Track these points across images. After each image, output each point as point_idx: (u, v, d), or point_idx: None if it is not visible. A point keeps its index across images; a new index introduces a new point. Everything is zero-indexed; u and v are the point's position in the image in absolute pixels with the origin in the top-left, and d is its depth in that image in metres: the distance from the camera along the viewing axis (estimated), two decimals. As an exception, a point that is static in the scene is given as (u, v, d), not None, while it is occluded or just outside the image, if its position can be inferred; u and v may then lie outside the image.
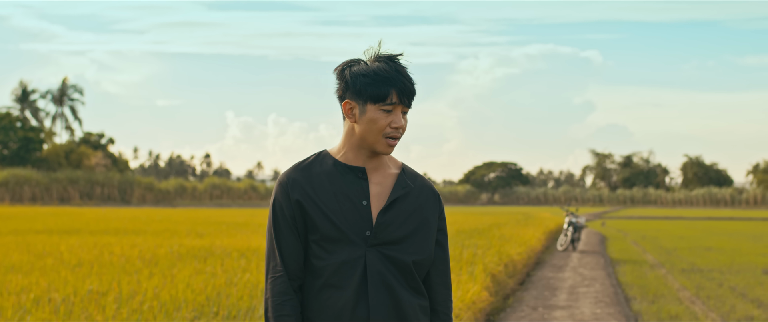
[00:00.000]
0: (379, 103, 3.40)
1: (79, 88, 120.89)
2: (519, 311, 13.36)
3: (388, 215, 3.48)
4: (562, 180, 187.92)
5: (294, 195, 3.46)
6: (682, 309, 13.66)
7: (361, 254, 3.43)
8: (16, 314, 8.13)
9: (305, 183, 3.49)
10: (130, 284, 10.89)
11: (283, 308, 3.45)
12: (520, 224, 35.82)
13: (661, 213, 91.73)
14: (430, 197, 3.63)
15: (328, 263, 3.44)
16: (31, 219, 38.10)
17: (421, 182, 3.65)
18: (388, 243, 3.47)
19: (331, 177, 3.50)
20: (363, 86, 3.40)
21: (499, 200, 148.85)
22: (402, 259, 3.46)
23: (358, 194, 3.48)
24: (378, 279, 3.42)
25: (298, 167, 3.56)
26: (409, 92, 3.42)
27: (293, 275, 3.49)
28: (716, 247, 29.37)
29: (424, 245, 3.54)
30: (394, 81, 3.39)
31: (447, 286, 3.69)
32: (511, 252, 18.80)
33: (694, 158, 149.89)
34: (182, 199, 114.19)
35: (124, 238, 23.25)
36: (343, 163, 3.52)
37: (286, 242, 3.49)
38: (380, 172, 3.57)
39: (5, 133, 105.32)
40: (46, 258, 15.53)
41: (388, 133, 3.43)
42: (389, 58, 3.46)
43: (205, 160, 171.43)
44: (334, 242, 3.43)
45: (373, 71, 3.41)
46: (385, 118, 3.42)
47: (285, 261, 3.48)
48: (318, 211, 3.43)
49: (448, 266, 3.70)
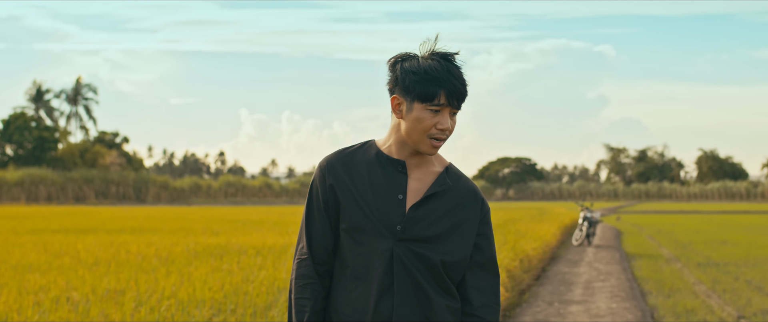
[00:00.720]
0: (426, 103, 3.29)
1: (93, 87, 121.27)
2: (534, 306, 13.37)
3: (421, 210, 3.39)
4: (577, 175, 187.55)
5: (329, 180, 3.42)
6: (698, 303, 13.65)
7: (389, 248, 3.34)
8: (36, 314, 8.18)
9: (343, 170, 3.44)
10: (148, 282, 10.94)
11: (304, 291, 3.44)
12: (534, 220, 35.78)
13: (677, 207, 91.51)
14: (471, 198, 3.52)
15: (356, 254, 3.38)
16: (48, 218, 38.23)
17: (464, 183, 3.54)
18: (418, 240, 3.37)
19: (370, 167, 3.44)
20: (412, 84, 3.30)
21: (514, 196, 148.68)
22: (430, 257, 3.37)
23: (395, 187, 3.41)
24: (404, 275, 3.34)
25: (341, 153, 3.50)
26: (458, 94, 3.30)
27: (318, 259, 3.46)
28: (732, 240, 29.30)
29: (456, 247, 3.42)
30: (444, 82, 3.28)
31: (483, 291, 3.51)
32: (527, 248, 18.79)
33: (709, 152, 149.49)
34: (197, 197, 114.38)
35: (140, 236, 23.32)
36: (386, 154, 3.45)
37: (316, 225, 3.46)
38: (422, 168, 3.48)
39: (20, 133, 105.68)
40: (63, 257, 15.59)
41: (433, 134, 3.33)
42: (443, 57, 3.34)
43: (220, 158, 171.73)
44: (363, 233, 3.37)
45: (423, 69, 3.30)
46: (431, 119, 3.31)
47: (312, 244, 3.46)
48: (351, 199, 3.38)
49: (488, 271, 3.53)
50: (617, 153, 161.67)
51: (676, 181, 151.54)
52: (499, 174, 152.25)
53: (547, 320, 11.99)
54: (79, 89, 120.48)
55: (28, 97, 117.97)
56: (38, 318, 7.97)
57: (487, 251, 3.52)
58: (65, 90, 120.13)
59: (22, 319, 8.02)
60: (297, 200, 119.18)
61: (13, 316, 8.17)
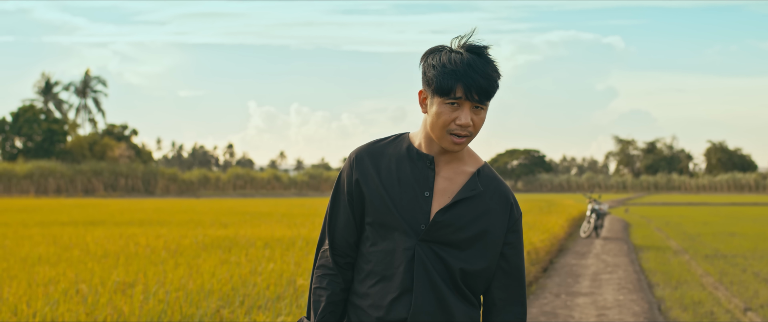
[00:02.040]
0: (444, 97, 3.19)
1: (102, 79, 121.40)
2: (542, 298, 13.40)
3: (448, 216, 3.28)
4: (585, 167, 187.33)
5: (356, 173, 3.35)
6: (705, 295, 13.67)
7: (411, 246, 3.26)
8: (46, 306, 8.24)
9: (371, 163, 3.36)
10: (156, 274, 10.99)
11: (322, 281, 3.41)
12: (543, 212, 35.78)
13: (685, 199, 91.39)
14: (502, 204, 3.39)
15: (378, 250, 3.32)
16: (57, 211, 38.34)
17: (496, 187, 3.40)
18: (442, 243, 3.28)
19: (400, 161, 3.35)
20: (432, 77, 3.21)
21: (523, 188, 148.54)
22: (452, 263, 3.28)
23: (422, 184, 3.31)
24: (425, 276, 3.25)
25: (373, 145, 3.42)
26: (479, 88, 3.16)
27: (340, 251, 3.41)
28: (740, 232, 29.27)
29: (479, 256, 3.32)
30: (461, 75, 3.16)
31: (510, 302, 3.40)
32: (534, 239, 18.80)
33: (718, 144, 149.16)
34: (206, 189, 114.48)
35: (148, 229, 23.39)
36: (417, 149, 3.35)
37: (339, 217, 3.41)
38: (453, 167, 3.36)
39: (29, 126, 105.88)
40: (72, 250, 15.65)
41: (452, 129, 3.21)
42: (468, 49, 3.23)
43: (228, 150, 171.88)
44: (386, 228, 3.30)
45: (443, 62, 3.19)
46: (449, 114, 3.20)
47: (334, 236, 3.42)
48: (376, 193, 3.30)
49: (514, 281, 3.41)
50: (626, 145, 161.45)
51: (685, 173, 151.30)
52: (508, 166, 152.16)
53: (554, 311, 12.02)
54: (87, 82, 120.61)
55: (37, 89, 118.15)
56: (48, 310, 8.03)
57: (513, 260, 3.40)
58: (74, 83, 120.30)
59: (31, 311, 8.07)
60: (305, 192, 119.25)
61: (22, 308, 8.22)
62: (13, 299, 8.73)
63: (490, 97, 3.24)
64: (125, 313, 7.94)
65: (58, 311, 7.96)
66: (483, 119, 3.27)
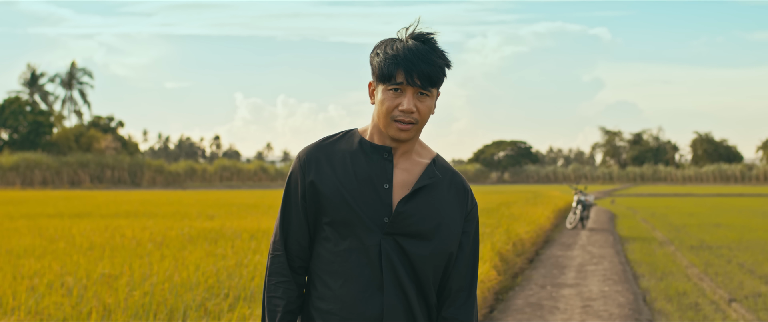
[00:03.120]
0: (386, 84, 3.17)
1: (88, 71, 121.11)
2: (527, 289, 13.42)
3: (410, 206, 3.23)
4: (572, 158, 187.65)
5: (309, 175, 3.26)
6: (690, 286, 13.72)
7: (376, 243, 3.20)
8: (30, 298, 8.23)
9: (325, 161, 3.28)
10: (142, 266, 10.98)
11: (276, 290, 3.32)
12: (529, 203, 35.86)
13: (671, 190, 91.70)
14: (459, 193, 3.38)
15: (341, 249, 3.23)
16: (43, 203, 38.23)
17: (452, 176, 3.39)
18: (406, 235, 3.22)
19: (354, 156, 3.28)
20: (376, 65, 3.20)
21: (509, 179, 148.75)
22: (416, 257, 3.23)
23: (381, 176, 3.24)
24: (392, 273, 3.19)
25: (322, 143, 3.34)
26: (420, 73, 3.12)
27: (293, 255, 3.33)
28: (725, 223, 29.38)
29: (442, 245, 3.28)
30: (402, 60, 3.13)
31: (467, 291, 3.38)
32: (520, 231, 18.85)
33: (704, 135, 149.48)
34: (192, 181, 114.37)
35: (135, 221, 23.35)
36: (369, 142, 3.29)
37: (292, 221, 3.32)
38: (409, 158, 3.32)
39: (15, 118, 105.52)
40: (58, 242, 15.63)
41: (395, 116, 3.17)
42: (413, 37, 3.20)
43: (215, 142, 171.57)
44: (348, 226, 3.21)
45: (386, 51, 3.18)
46: (392, 100, 3.17)
47: (287, 241, 3.33)
48: (334, 191, 3.22)
49: (468, 271, 3.39)
50: (612, 136, 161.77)
51: (671, 164, 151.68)
52: (494, 157, 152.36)
53: (539, 303, 12.05)
54: (73, 73, 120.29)
55: (23, 81, 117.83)
56: (33, 303, 8.02)
57: (468, 249, 3.38)
58: (60, 74, 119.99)
59: (16, 304, 8.06)
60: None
61: (7, 300, 8.21)
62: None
63: (435, 83, 3.18)
64: (110, 305, 7.94)
65: (43, 304, 7.95)
66: (429, 107, 3.22)
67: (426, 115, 3.21)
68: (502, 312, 11.28)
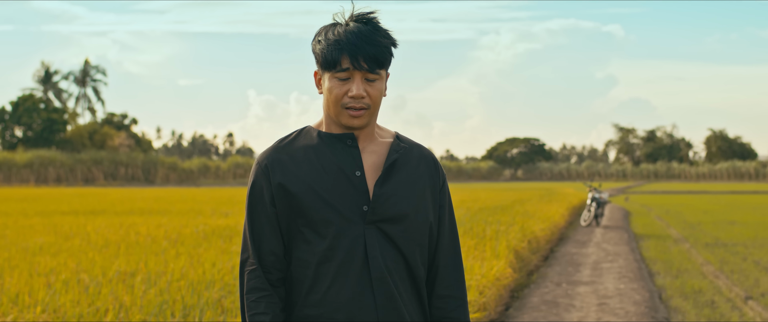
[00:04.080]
0: (332, 71, 3.03)
1: (102, 68, 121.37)
2: (542, 287, 13.39)
3: (387, 186, 3.10)
4: (585, 155, 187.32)
5: (276, 178, 3.08)
6: (706, 284, 13.67)
7: (360, 233, 3.04)
8: (47, 296, 8.24)
9: (288, 161, 3.11)
10: (157, 264, 10.98)
11: (258, 306, 3.09)
12: (543, 200, 35.80)
13: (685, 187, 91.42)
14: (429, 165, 3.24)
15: (322, 248, 3.05)
16: (57, 200, 38.32)
17: (418, 150, 3.25)
18: (389, 220, 3.07)
19: (317, 149, 3.11)
20: (318, 53, 3.08)
21: (522, 176, 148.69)
22: (403, 236, 3.10)
23: (350, 165, 3.09)
24: (380, 265, 3.03)
25: (279, 145, 3.16)
26: (366, 55, 2.99)
27: (270, 268, 3.13)
28: (740, 221, 29.29)
29: (424, 220, 3.16)
30: (345, 44, 2.99)
31: (457, 268, 3.26)
32: (535, 228, 18.82)
33: (718, 132, 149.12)
34: (206, 178, 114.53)
35: (149, 218, 23.38)
36: (327, 133, 3.13)
37: (264, 231, 3.13)
38: (372, 140, 3.18)
39: (29, 115, 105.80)
40: (73, 239, 15.65)
41: (346, 103, 3.03)
42: (355, 19, 3.07)
43: (228, 139, 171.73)
44: (327, 224, 3.04)
45: (327, 37, 3.04)
46: (340, 87, 3.03)
47: (260, 253, 3.13)
48: (306, 190, 3.05)
49: (452, 245, 3.27)
50: (626, 133, 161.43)
51: (685, 161, 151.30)
52: (508, 154, 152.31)
53: (555, 300, 12.02)
54: (87, 71, 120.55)
55: (37, 78, 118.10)
56: (49, 300, 8.03)
57: (447, 223, 3.27)
58: (73, 72, 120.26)
59: (33, 301, 8.07)
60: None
61: (24, 298, 8.22)
62: (15, 289, 8.73)
63: (382, 64, 3.05)
64: (126, 303, 7.94)
65: (60, 301, 7.96)
66: (379, 90, 3.08)
67: (377, 99, 3.08)
68: (517, 310, 11.25)
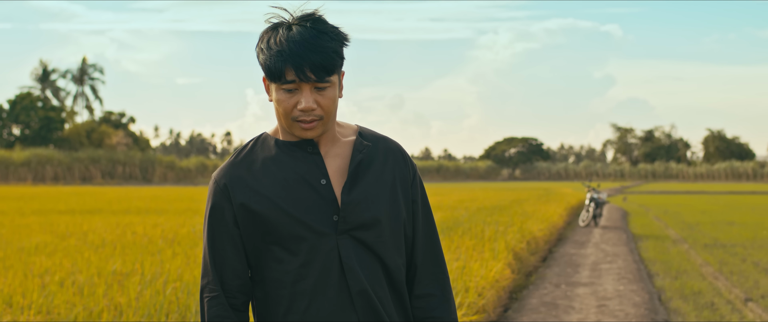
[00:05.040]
0: (278, 83, 2.77)
1: (99, 67, 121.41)
2: (541, 288, 13.31)
3: (355, 192, 2.89)
4: (583, 155, 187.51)
5: (237, 198, 2.87)
6: (706, 285, 13.61)
7: (333, 246, 2.84)
8: (41, 297, 8.16)
9: (248, 177, 2.89)
10: (154, 264, 10.91)
11: None
12: (541, 200, 35.75)
13: (683, 188, 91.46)
14: (397, 159, 3.02)
15: (296, 266, 2.84)
16: (54, 199, 38.26)
17: (384, 143, 3.03)
18: (361, 227, 2.87)
19: (277, 161, 2.90)
20: (262, 63, 2.79)
21: (520, 176, 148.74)
22: (379, 241, 2.90)
23: (314, 173, 2.87)
24: (357, 277, 2.84)
25: (235, 161, 2.95)
26: (312, 66, 2.73)
27: (233, 292, 2.92)
28: (739, 221, 29.23)
29: (398, 219, 2.95)
30: (288, 55, 2.72)
31: (436, 263, 3.06)
32: (533, 229, 18.76)
33: (716, 132, 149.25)
34: (203, 177, 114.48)
35: (146, 217, 23.31)
36: (286, 142, 2.92)
37: (226, 254, 2.91)
38: (334, 143, 2.96)
39: (26, 114, 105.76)
40: (69, 239, 15.58)
41: (296, 116, 2.79)
42: (298, 21, 2.81)
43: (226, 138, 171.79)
44: (297, 240, 2.83)
45: (269, 44, 2.77)
46: (288, 100, 2.78)
47: (223, 277, 2.91)
48: (270, 206, 2.83)
49: (429, 241, 3.06)
50: (624, 133, 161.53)
51: (683, 161, 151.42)
52: (506, 154, 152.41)
53: (554, 302, 11.95)
54: (85, 69, 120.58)
55: (35, 77, 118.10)
56: (43, 301, 7.95)
57: (423, 218, 3.06)
58: (71, 70, 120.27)
59: (27, 302, 7.99)
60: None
61: (18, 299, 8.15)
62: (9, 290, 8.65)
63: (331, 72, 2.77)
64: (122, 305, 7.86)
65: (54, 303, 7.88)
66: (332, 98, 2.82)
67: (329, 108, 2.82)
68: (516, 312, 11.18)
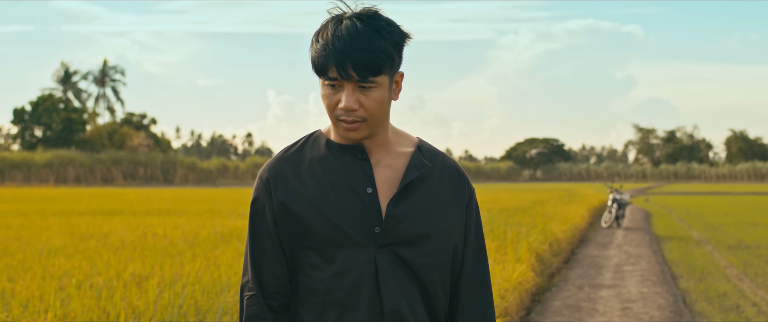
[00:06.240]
0: (323, 78, 2.67)
1: (121, 68, 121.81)
2: (564, 290, 13.19)
3: (402, 206, 2.74)
4: (605, 156, 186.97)
5: (278, 196, 2.77)
6: (730, 287, 13.44)
7: (370, 258, 2.71)
8: (58, 300, 8.08)
9: (292, 176, 2.79)
10: (173, 266, 10.83)
11: None
12: (563, 201, 35.58)
13: (705, 188, 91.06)
14: (454, 179, 2.88)
15: (330, 275, 2.74)
16: (75, 200, 38.33)
17: (442, 161, 2.89)
18: (403, 243, 2.74)
19: (324, 162, 2.79)
20: (312, 56, 2.69)
21: (542, 177, 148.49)
22: (421, 262, 2.76)
23: (361, 180, 2.76)
24: (393, 294, 2.71)
25: (284, 156, 2.84)
26: (354, 64, 2.61)
27: (271, 293, 2.82)
28: (763, 222, 28.98)
29: (447, 244, 2.81)
30: (332, 51, 2.61)
31: (483, 295, 2.91)
32: (556, 230, 18.62)
33: (739, 132, 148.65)
34: (224, 178, 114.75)
35: (166, 219, 23.28)
36: (338, 143, 2.80)
37: (265, 252, 2.82)
38: (388, 151, 2.82)
39: (48, 115, 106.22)
40: (89, 240, 15.54)
41: (338, 114, 2.67)
42: (351, 17, 2.68)
43: (247, 139, 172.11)
44: (334, 247, 2.73)
45: (318, 38, 2.68)
46: (331, 96, 2.68)
47: (262, 276, 2.82)
48: (311, 209, 2.73)
49: (483, 270, 2.92)
50: (646, 134, 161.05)
51: (705, 162, 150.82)
52: (527, 155, 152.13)
53: (577, 304, 11.82)
54: (106, 71, 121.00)
55: (56, 78, 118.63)
56: (59, 305, 7.87)
57: (474, 246, 2.91)
58: (93, 72, 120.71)
59: (44, 306, 7.91)
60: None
61: (35, 302, 8.07)
62: (26, 292, 8.58)
63: (375, 72, 2.63)
64: (139, 308, 7.77)
65: (71, 306, 7.79)
66: (377, 99, 2.68)
67: (374, 110, 2.68)
68: (539, 314, 11.06)
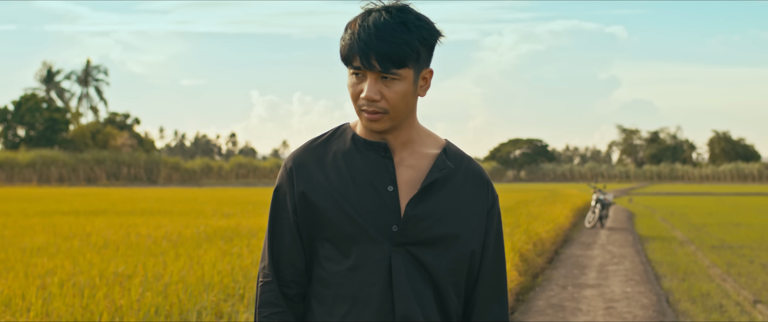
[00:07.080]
0: (349, 67, 2.71)
1: (104, 68, 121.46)
2: (548, 290, 13.20)
3: (422, 207, 2.74)
4: (588, 156, 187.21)
5: (299, 185, 2.78)
6: (714, 287, 13.48)
7: (385, 256, 2.71)
8: (40, 299, 8.05)
9: (315, 167, 2.79)
10: (156, 266, 10.81)
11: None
12: (547, 202, 35.66)
13: (689, 189, 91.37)
14: (477, 183, 2.86)
15: (344, 268, 2.74)
16: (58, 200, 38.21)
17: (467, 164, 2.87)
18: (420, 244, 2.74)
19: (348, 157, 2.79)
20: (340, 46, 2.75)
21: (525, 177, 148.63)
22: (437, 264, 2.75)
23: (383, 178, 2.75)
24: (404, 294, 2.71)
25: (310, 146, 2.85)
26: (376, 55, 2.63)
27: (287, 281, 2.82)
28: (745, 223, 29.10)
29: (466, 249, 2.80)
30: (357, 40, 2.65)
31: (500, 304, 2.91)
32: (540, 230, 18.65)
33: (722, 133, 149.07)
34: (208, 178, 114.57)
35: (150, 218, 23.23)
36: (362, 138, 2.81)
37: (284, 240, 2.83)
38: (413, 151, 2.81)
39: (31, 115, 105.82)
40: (72, 240, 15.49)
41: (360, 104, 2.69)
42: (380, 9, 2.71)
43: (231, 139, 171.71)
44: (350, 241, 2.73)
45: (347, 28, 2.72)
46: (355, 86, 2.69)
47: (278, 264, 2.83)
48: (330, 201, 2.74)
49: (496, 277, 2.89)
50: (630, 135, 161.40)
51: (688, 162, 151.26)
52: (511, 155, 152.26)
53: (561, 304, 11.83)
54: (89, 70, 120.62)
55: (39, 78, 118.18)
56: (42, 303, 7.83)
57: (493, 251, 2.90)
58: (76, 71, 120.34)
59: (26, 305, 7.88)
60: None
61: (17, 301, 8.04)
62: (8, 291, 8.54)
63: (400, 64, 2.64)
64: (122, 307, 7.74)
65: (53, 305, 7.76)
66: (400, 92, 2.68)
67: (396, 103, 2.69)
68: (523, 314, 11.07)
